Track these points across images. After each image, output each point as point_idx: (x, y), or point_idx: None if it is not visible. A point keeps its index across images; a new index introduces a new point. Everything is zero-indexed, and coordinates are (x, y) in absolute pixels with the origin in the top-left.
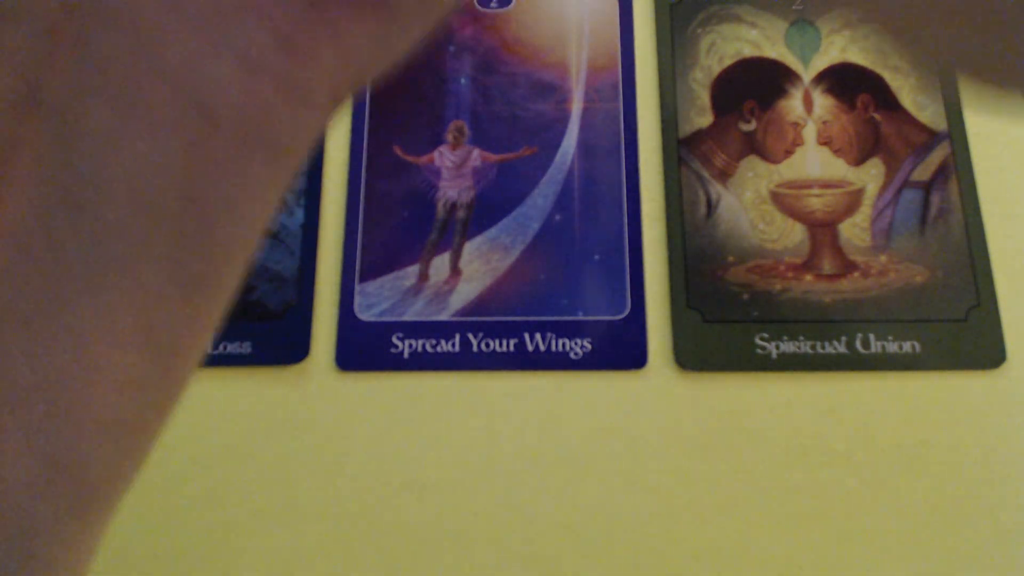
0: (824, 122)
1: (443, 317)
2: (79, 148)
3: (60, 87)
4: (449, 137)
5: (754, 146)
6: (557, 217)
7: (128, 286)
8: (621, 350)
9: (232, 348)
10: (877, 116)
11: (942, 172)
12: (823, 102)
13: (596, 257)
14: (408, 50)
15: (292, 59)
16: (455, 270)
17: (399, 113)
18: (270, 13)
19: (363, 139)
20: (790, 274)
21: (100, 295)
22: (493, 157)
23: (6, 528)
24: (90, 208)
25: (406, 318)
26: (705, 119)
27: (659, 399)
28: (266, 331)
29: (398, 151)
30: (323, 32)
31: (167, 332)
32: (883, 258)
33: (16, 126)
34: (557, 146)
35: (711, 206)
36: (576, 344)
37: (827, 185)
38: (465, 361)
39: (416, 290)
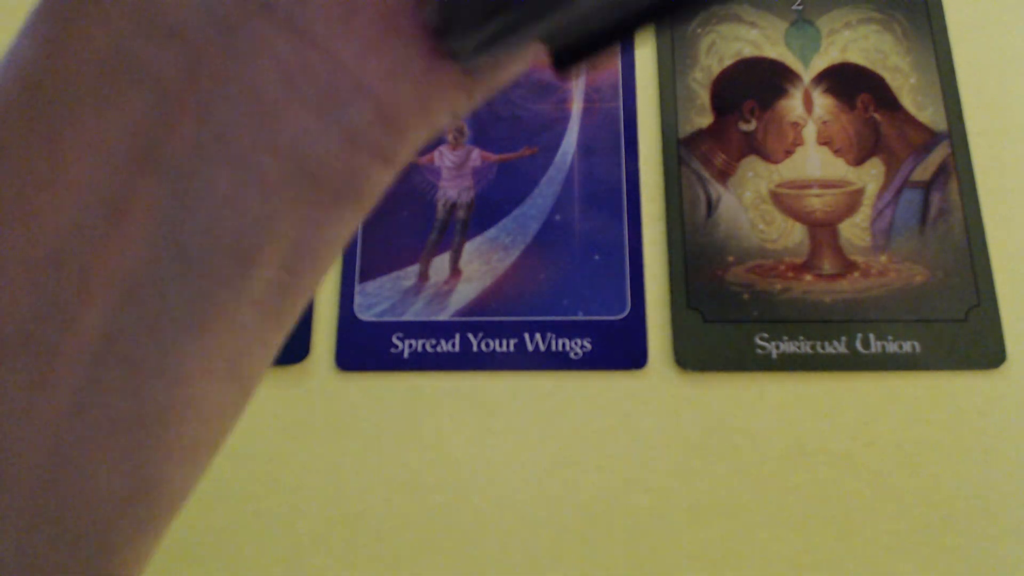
0: (824, 122)
1: (443, 317)
2: (195, 207)
3: (180, 150)
4: (449, 137)
5: (754, 146)
6: (557, 217)
7: (224, 328)
8: (621, 350)
9: None
10: (877, 116)
11: (942, 172)
12: (823, 102)
13: (596, 257)
14: (472, 110)
15: (389, 132)
16: (455, 270)
17: None
18: (378, 96)
19: None
20: (790, 274)
21: (200, 338)
22: (493, 157)
23: (89, 542)
24: (198, 260)
25: (406, 318)
26: (705, 119)
27: (659, 399)
28: None
29: None
30: (419, 111)
31: (248, 364)
32: (883, 258)
33: (134, 181)
34: (557, 146)
35: (711, 206)
36: (576, 344)
37: (827, 185)
38: (465, 361)
39: (416, 290)
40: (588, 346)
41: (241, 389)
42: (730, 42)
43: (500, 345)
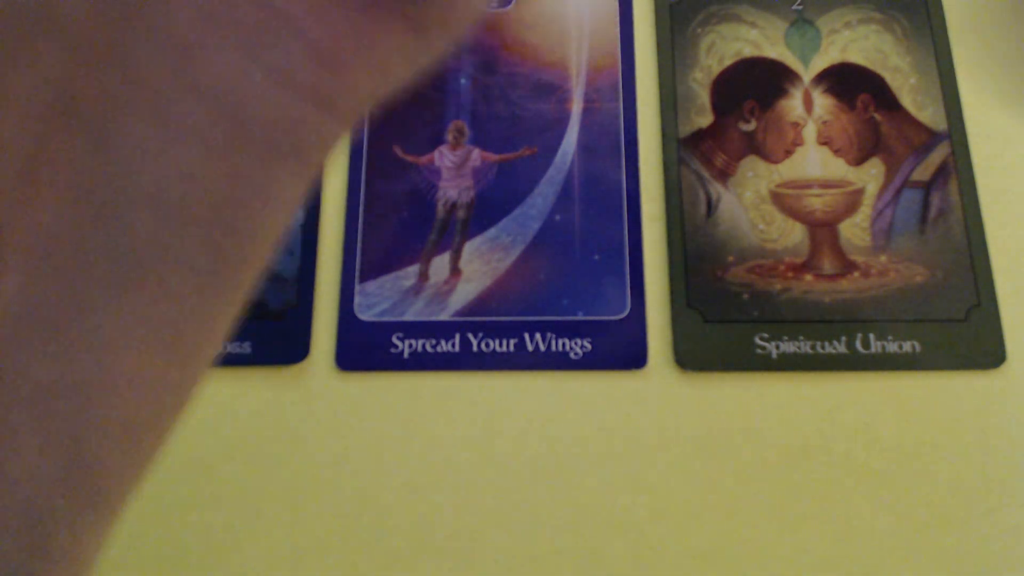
0: (824, 122)
1: (443, 317)
2: (113, 159)
3: (95, 99)
4: (449, 137)
5: (754, 146)
6: (557, 217)
7: (153, 292)
8: (621, 350)
9: (232, 348)
10: (877, 116)
11: (942, 172)
12: (823, 102)
13: (596, 257)
14: (430, 63)
15: (324, 73)
16: (455, 270)
17: (399, 113)
18: (308, 30)
19: (363, 139)
20: (790, 274)
21: (125, 301)
22: (493, 157)
23: (22, 522)
24: (121, 217)
25: (406, 318)
26: (705, 119)
27: (659, 399)
28: (266, 331)
29: (398, 151)
30: (355, 47)
31: (186, 336)
32: (883, 258)
33: (48, 135)
34: (557, 146)
35: (711, 206)
36: (576, 344)
37: (827, 185)
38: (465, 361)
39: (416, 290)
40: (588, 346)
41: (182, 367)
42: (730, 42)
43: (500, 345)
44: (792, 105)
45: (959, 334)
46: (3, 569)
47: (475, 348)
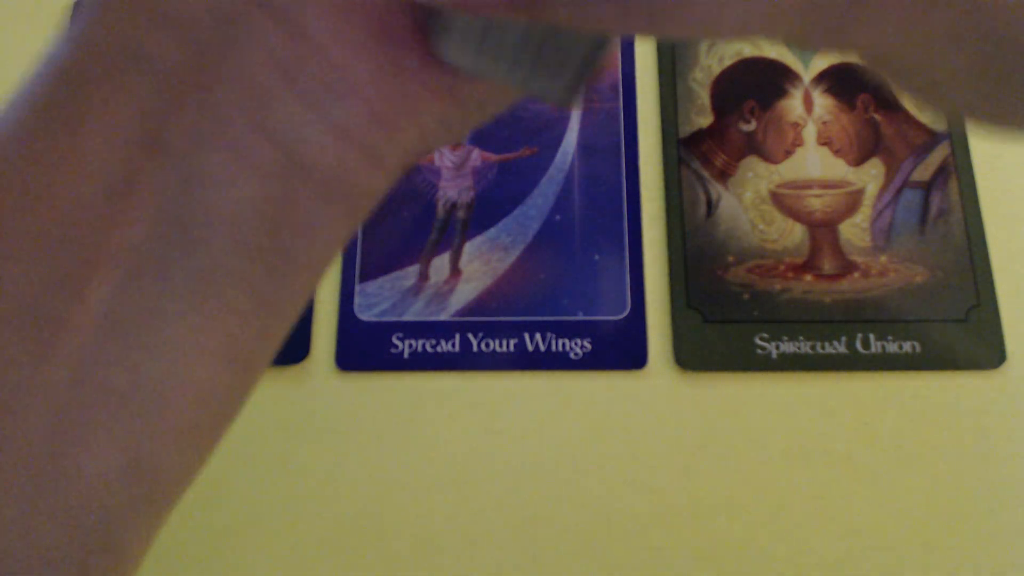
0: (824, 122)
1: (443, 317)
2: (193, 187)
3: (182, 134)
4: None
5: (754, 146)
6: (557, 217)
7: (221, 309)
8: (621, 350)
9: None
10: (877, 116)
11: (942, 172)
12: (823, 102)
13: (596, 257)
14: (470, 131)
15: (377, 131)
16: (455, 270)
17: None
18: (368, 93)
19: None
20: (790, 274)
21: (196, 316)
22: (493, 157)
23: (87, 517)
24: (197, 239)
25: (406, 318)
26: (705, 119)
27: (659, 399)
28: None
29: None
30: (406, 112)
31: (245, 349)
32: (883, 258)
33: (137, 165)
34: (557, 146)
35: (711, 206)
36: (576, 344)
37: (827, 185)
38: (465, 361)
39: (416, 290)
40: (588, 346)
41: (239, 376)
42: (730, 42)
43: (500, 345)
44: (792, 105)
45: (959, 334)
46: (59, 559)
47: (475, 348)
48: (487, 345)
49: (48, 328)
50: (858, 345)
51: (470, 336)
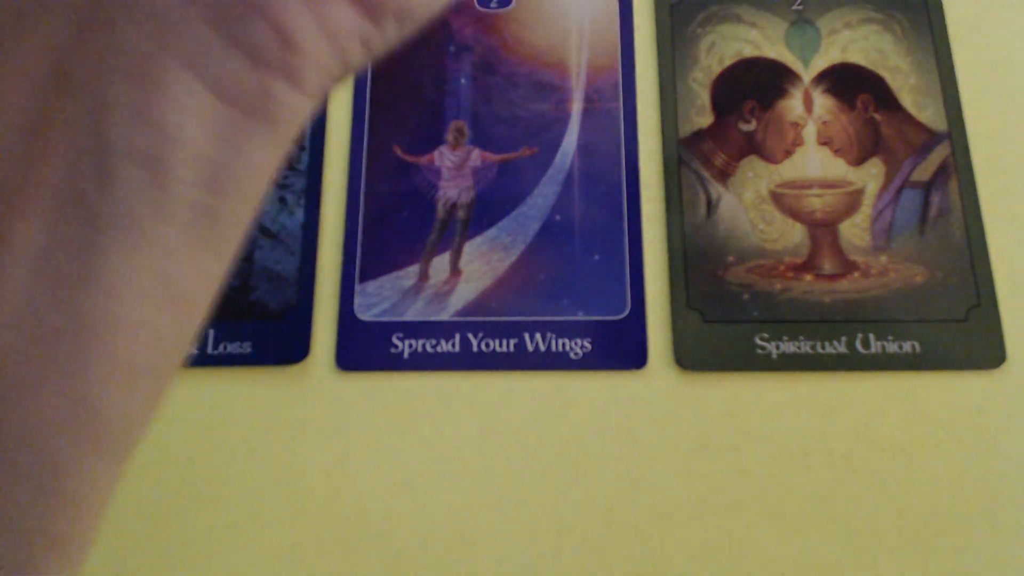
0: (824, 122)
1: (443, 317)
2: (107, 122)
3: (88, 68)
4: (449, 137)
5: (754, 146)
6: (557, 217)
7: (149, 244)
8: (621, 350)
9: (232, 348)
10: (877, 116)
11: (942, 172)
12: (823, 102)
13: (596, 257)
14: (392, 47)
15: (291, 53)
16: (455, 270)
17: (399, 113)
18: (273, 14)
19: (363, 139)
20: (790, 274)
21: (125, 252)
22: (493, 157)
23: (33, 465)
24: (117, 175)
25: (406, 318)
26: (705, 119)
27: (659, 399)
28: (266, 331)
29: (398, 151)
30: (318, 29)
31: (181, 286)
32: (883, 258)
33: (48, 102)
34: (557, 146)
35: (711, 206)
36: (576, 344)
37: (827, 185)
38: (465, 361)
39: (416, 290)
40: (588, 346)
41: (180, 315)
42: (730, 42)
43: (500, 345)
44: (792, 105)
45: (959, 334)
46: (13, 512)
47: (475, 348)
48: (487, 345)
49: None
50: (858, 345)
51: (470, 336)
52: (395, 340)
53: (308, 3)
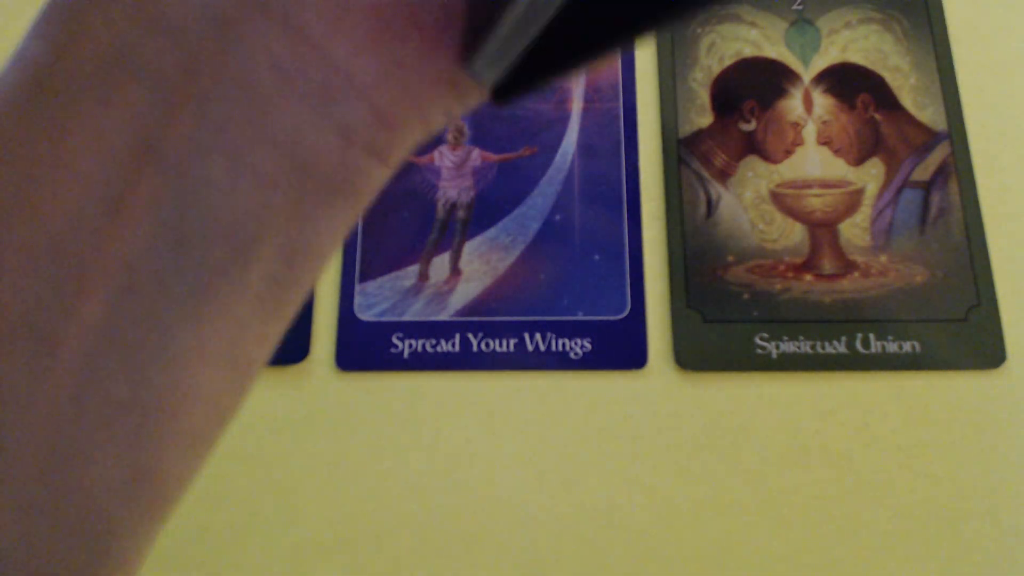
0: (824, 122)
1: (443, 317)
2: (192, 197)
3: (179, 143)
4: (449, 137)
5: (754, 146)
6: (557, 217)
7: (221, 318)
8: (621, 350)
9: None
10: (877, 116)
11: (942, 172)
12: (823, 102)
13: (596, 257)
14: (462, 117)
15: (384, 132)
16: (455, 270)
17: None
18: (371, 94)
19: None
20: (790, 274)
21: (197, 326)
22: (493, 157)
23: (89, 529)
24: (197, 251)
25: (406, 318)
26: (705, 119)
27: (659, 399)
28: None
29: None
30: (412, 109)
31: (245, 353)
32: (883, 258)
33: (134, 173)
34: (557, 146)
35: (711, 206)
36: (576, 344)
37: (827, 185)
38: (465, 361)
39: (416, 290)
40: (588, 346)
41: (239, 380)
42: (730, 42)
43: (500, 345)
44: (792, 105)
45: (959, 334)
46: (66, 572)
47: (475, 348)
48: (487, 345)
49: (42, 344)
50: (858, 345)
51: (470, 336)
52: (395, 340)
53: (410, 87)
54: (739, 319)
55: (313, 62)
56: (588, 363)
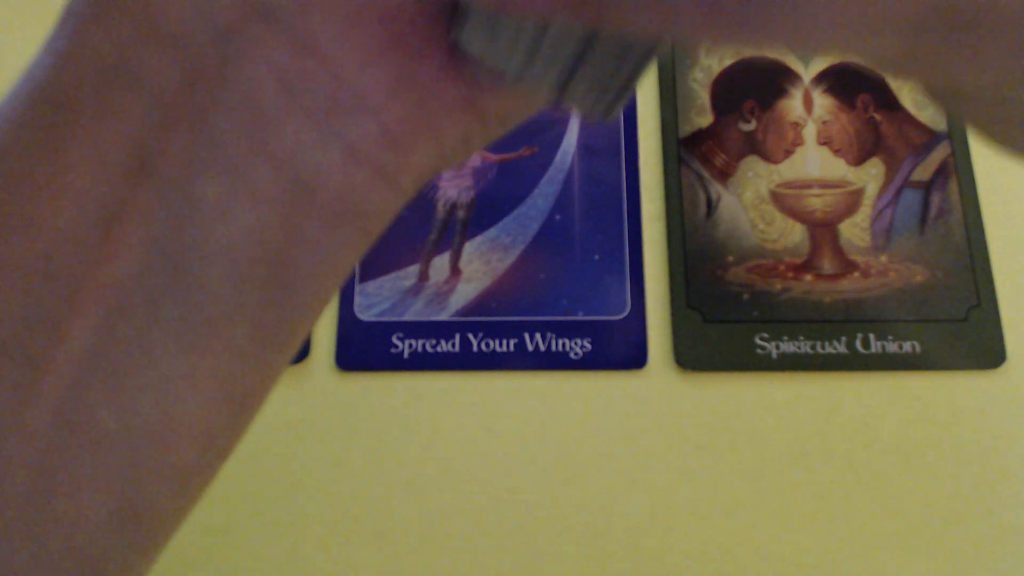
0: (824, 122)
1: (443, 317)
2: (187, 217)
3: (174, 159)
4: None
5: (754, 146)
6: (557, 217)
7: (216, 345)
8: (621, 350)
9: None
10: (877, 116)
11: (942, 172)
12: (823, 102)
13: (596, 257)
14: (482, 147)
15: (393, 153)
16: (455, 270)
17: None
18: (380, 111)
19: None
20: (790, 274)
21: (189, 354)
22: (493, 157)
23: (81, 563)
24: (191, 272)
25: (406, 318)
26: (705, 119)
27: (659, 399)
28: None
29: None
30: (424, 130)
31: (243, 386)
32: (883, 258)
33: (128, 191)
34: (557, 146)
35: (711, 206)
36: (576, 344)
37: (827, 185)
38: (465, 361)
39: (416, 290)
40: (588, 346)
41: (236, 414)
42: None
43: (500, 345)
44: (792, 105)
45: (959, 334)
46: None
47: (475, 348)
48: (487, 345)
49: (27, 370)
50: (858, 345)
51: (470, 336)
52: (395, 340)
53: (424, 107)
54: (739, 319)
55: (319, 75)
56: (588, 363)
